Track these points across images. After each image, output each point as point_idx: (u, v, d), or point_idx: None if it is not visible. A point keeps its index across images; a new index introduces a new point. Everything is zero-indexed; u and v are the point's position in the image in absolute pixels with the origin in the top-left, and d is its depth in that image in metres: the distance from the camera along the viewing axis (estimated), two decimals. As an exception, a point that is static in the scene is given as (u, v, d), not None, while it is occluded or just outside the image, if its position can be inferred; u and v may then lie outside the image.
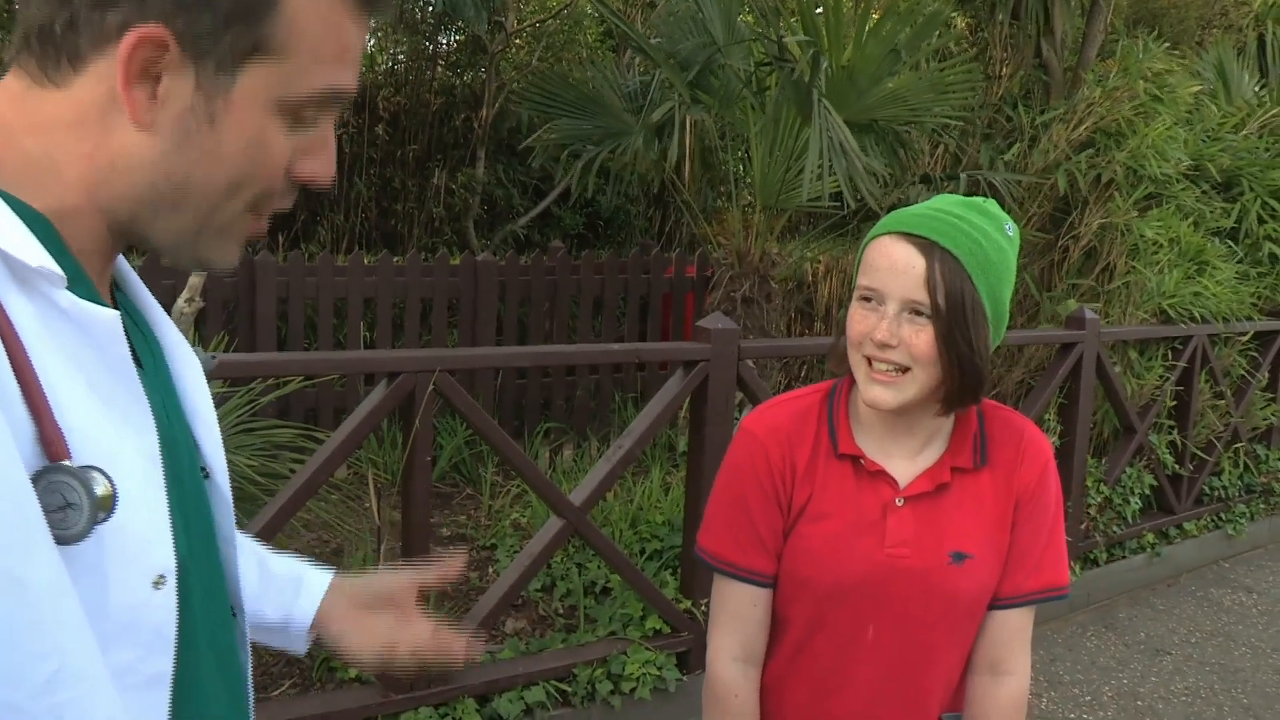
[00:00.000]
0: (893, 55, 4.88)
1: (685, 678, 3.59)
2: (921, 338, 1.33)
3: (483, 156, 7.71)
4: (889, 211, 1.44)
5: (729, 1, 5.26)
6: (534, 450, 5.54)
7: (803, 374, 6.09)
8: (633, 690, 3.45)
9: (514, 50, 8.33)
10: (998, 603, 1.47)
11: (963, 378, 1.35)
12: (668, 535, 4.24)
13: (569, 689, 3.42)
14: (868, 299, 1.37)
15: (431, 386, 3.02)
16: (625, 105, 5.55)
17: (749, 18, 5.77)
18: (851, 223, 5.99)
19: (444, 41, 8.19)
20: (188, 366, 0.86)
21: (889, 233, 1.37)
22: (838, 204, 5.14)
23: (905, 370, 1.35)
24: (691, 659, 3.64)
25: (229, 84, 0.70)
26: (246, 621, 0.91)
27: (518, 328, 6.01)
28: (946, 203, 1.38)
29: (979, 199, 1.40)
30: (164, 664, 0.71)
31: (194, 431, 0.84)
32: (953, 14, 6.26)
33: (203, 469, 0.85)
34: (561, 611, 3.94)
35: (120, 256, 0.81)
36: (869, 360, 1.37)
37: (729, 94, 5.31)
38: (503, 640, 3.64)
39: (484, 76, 7.82)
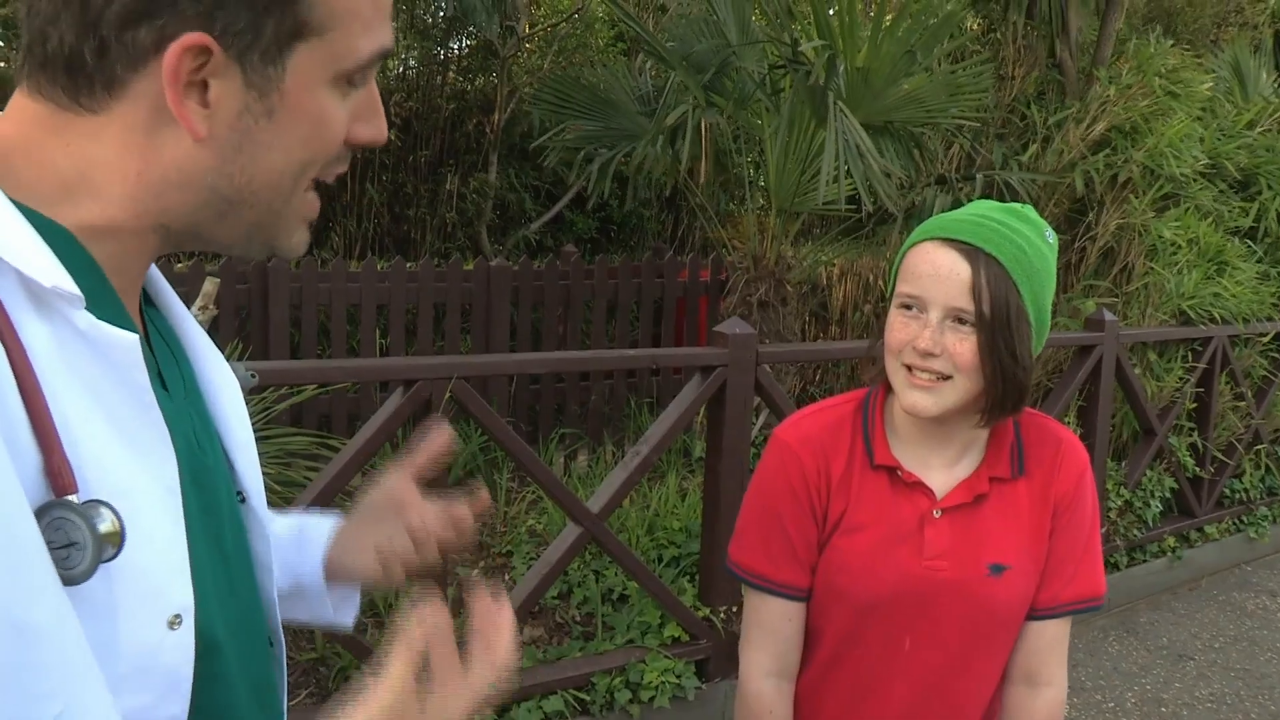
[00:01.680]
0: (908, 57, 4.84)
1: (704, 686, 3.56)
2: (965, 346, 1.30)
3: (495, 161, 7.70)
4: (906, 214, 1.42)
5: (743, 4, 5.24)
6: (549, 456, 5.51)
7: (817, 378, 6.06)
8: (652, 699, 3.41)
9: (525, 54, 8.32)
10: (1035, 613, 1.44)
11: (1004, 387, 1.32)
12: (685, 542, 4.20)
13: (587, 698, 3.39)
14: (908, 306, 1.34)
15: (448, 394, 3.00)
16: (639, 108, 5.52)
17: (762, 20, 5.74)
18: (866, 225, 5.96)
19: (455, 47, 8.18)
20: (224, 385, 0.82)
21: (930, 238, 1.33)
22: (854, 206, 5.11)
23: (946, 378, 1.32)
24: (710, 667, 3.61)
25: (279, 74, 0.67)
26: (283, 647, 0.88)
27: (531, 333, 5.99)
28: (986, 208, 1.35)
29: (1017, 205, 1.37)
30: (179, 707, 0.67)
31: (229, 455, 0.81)
32: (966, 14, 6.22)
33: (239, 494, 0.81)
34: (578, 619, 3.91)
35: (153, 267, 0.77)
36: (908, 368, 1.33)
37: (743, 96, 5.28)
38: (519, 648, 3.62)
39: (495, 81, 7.81)
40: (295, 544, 1.02)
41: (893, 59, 4.80)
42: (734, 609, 3.66)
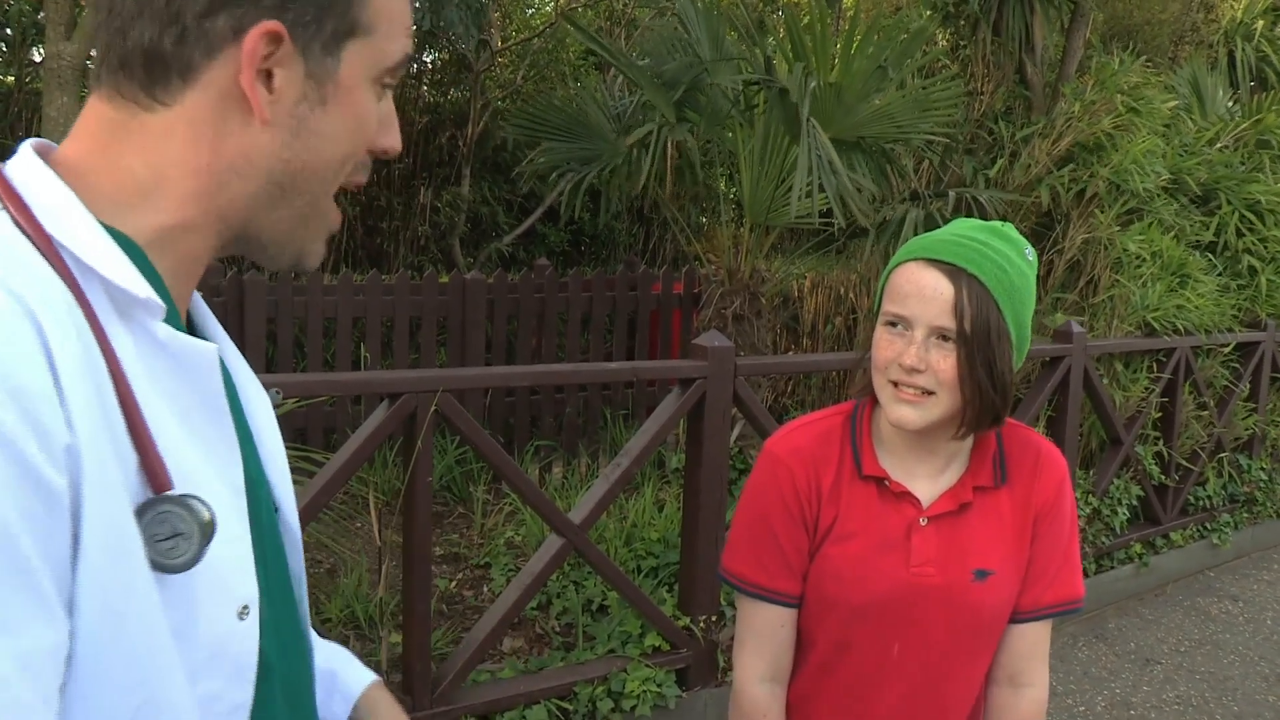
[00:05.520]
0: (879, 73, 4.93)
1: (685, 694, 3.60)
2: (948, 363, 1.35)
3: (468, 174, 7.73)
4: (879, 229, 1.47)
5: (715, 21, 5.29)
6: (524, 468, 5.54)
7: (789, 389, 6.13)
8: (634, 708, 3.45)
9: (498, 69, 8.36)
10: (1017, 617, 1.49)
11: (985, 401, 1.37)
12: (663, 553, 4.24)
13: (570, 707, 3.42)
14: (894, 324, 1.39)
15: (433, 407, 3.03)
16: (613, 126, 5.57)
17: (734, 35, 5.80)
18: (838, 239, 6.04)
19: (428, 60, 8.20)
20: (258, 401, 0.86)
21: (914, 258, 1.39)
22: (826, 220, 5.18)
23: (930, 393, 1.37)
24: (691, 676, 3.65)
25: (334, 67, 0.73)
26: (313, 662, 0.91)
27: (506, 345, 6.02)
28: (968, 228, 1.41)
29: (998, 223, 1.43)
30: (245, 694, 0.72)
31: (264, 467, 0.85)
32: (936, 31, 6.33)
33: (274, 505, 0.85)
34: (558, 630, 3.94)
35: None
36: (894, 383, 1.39)
37: (716, 112, 5.34)
38: (501, 659, 3.64)
39: (468, 94, 7.84)
40: (326, 688, 1.05)
41: (864, 75, 4.88)
42: (713, 618, 3.70)
